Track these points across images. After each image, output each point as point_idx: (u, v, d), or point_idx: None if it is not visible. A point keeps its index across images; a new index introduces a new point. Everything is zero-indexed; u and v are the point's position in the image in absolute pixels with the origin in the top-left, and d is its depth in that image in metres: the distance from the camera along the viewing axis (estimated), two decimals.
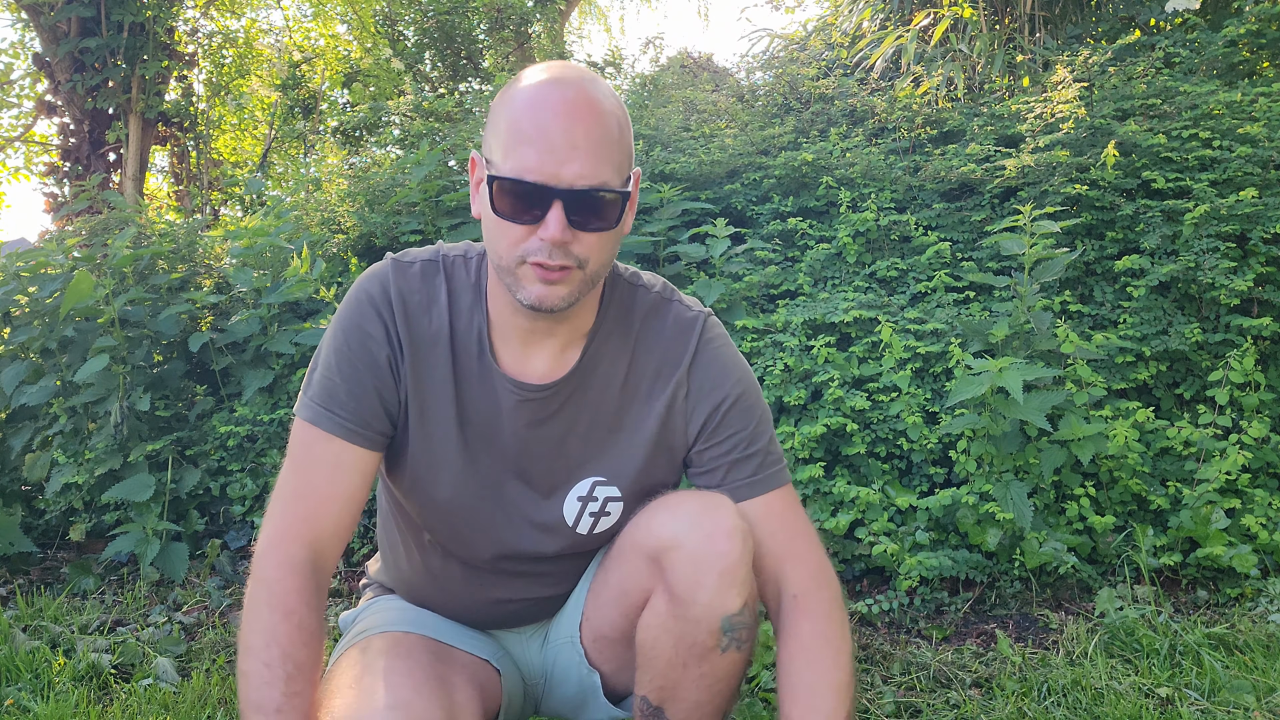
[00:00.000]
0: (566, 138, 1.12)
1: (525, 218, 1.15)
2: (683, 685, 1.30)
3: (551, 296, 1.18)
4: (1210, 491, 2.56)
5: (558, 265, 1.16)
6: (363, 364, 1.28)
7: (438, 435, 1.32)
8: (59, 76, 7.76)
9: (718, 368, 1.35)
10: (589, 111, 1.14)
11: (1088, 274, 3.22)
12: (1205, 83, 3.54)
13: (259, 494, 3.26)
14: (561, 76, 1.17)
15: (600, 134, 1.14)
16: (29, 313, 3.50)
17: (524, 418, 1.32)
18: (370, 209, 3.86)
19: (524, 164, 1.12)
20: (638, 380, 1.33)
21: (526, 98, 1.15)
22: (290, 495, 1.26)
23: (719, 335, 1.38)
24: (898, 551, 2.46)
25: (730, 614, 1.25)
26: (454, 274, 1.32)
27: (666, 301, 1.37)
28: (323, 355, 1.30)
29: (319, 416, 1.27)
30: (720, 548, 1.23)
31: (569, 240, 1.15)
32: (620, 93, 6.17)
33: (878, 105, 4.03)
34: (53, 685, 2.21)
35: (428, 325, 1.30)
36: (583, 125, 1.13)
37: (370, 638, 1.37)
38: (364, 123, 7.69)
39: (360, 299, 1.29)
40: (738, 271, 3.24)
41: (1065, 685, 2.06)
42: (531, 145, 1.12)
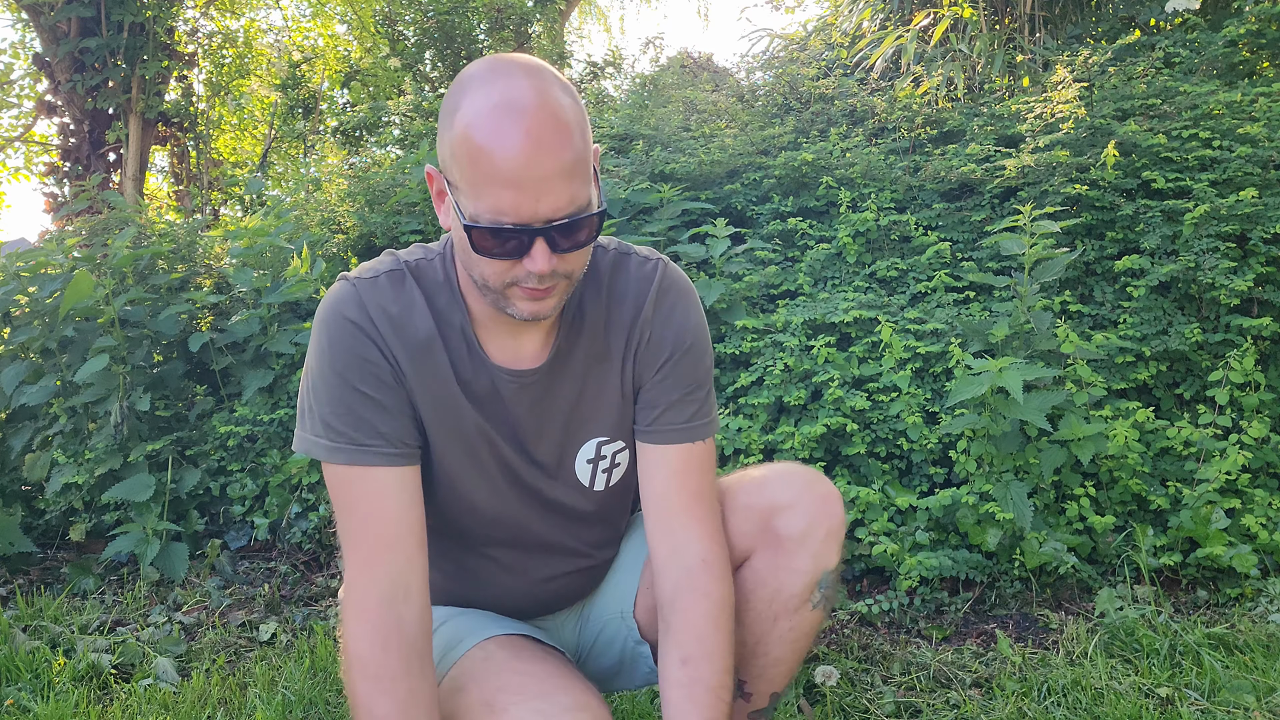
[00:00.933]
0: (537, 171, 1.07)
1: (508, 253, 1.13)
2: (765, 640, 1.39)
3: (543, 309, 1.19)
4: (1210, 491, 2.56)
5: (548, 287, 1.17)
6: (374, 390, 1.24)
7: (459, 432, 1.33)
8: (59, 76, 7.76)
9: (678, 314, 1.37)
10: (553, 133, 1.08)
11: (1088, 274, 3.22)
12: (1205, 83, 3.54)
13: (259, 494, 3.26)
14: (514, 96, 1.08)
15: (568, 152, 1.09)
16: (29, 313, 3.50)
17: (524, 402, 1.34)
18: (370, 209, 3.86)
19: (499, 206, 1.09)
20: (612, 336, 1.36)
21: (485, 126, 1.08)
22: (356, 548, 1.23)
23: (676, 281, 1.39)
24: (898, 551, 2.46)
25: (829, 570, 1.38)
26: (422, 276, 1.30)
27: (624, 255, 1.39)
28: (326, 390, 1.24)
29: (352, 454, 1.23)
30: (831, 509, 1.37)
31: (555, 266, 1.14)
32: (620, 92, 6.17)
33: (878, 105, 4.03)
34: (53, 685, 2.21)
35: (415, 333, 1.27)
36: (550, 151, 1.08)
37: (480, 645, 1.36)
38: (364, 123, 7.69)
39: (342, 326, 1.24)
40: (738, 271, 3.24)
41: (1065, 685, 2.06)
42: (503, 187, 1.08)
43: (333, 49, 11.21)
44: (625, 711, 2.03)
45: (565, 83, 1.17)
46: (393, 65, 9.01)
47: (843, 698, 2.08)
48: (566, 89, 1.15)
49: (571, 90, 1.17)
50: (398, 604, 1.20)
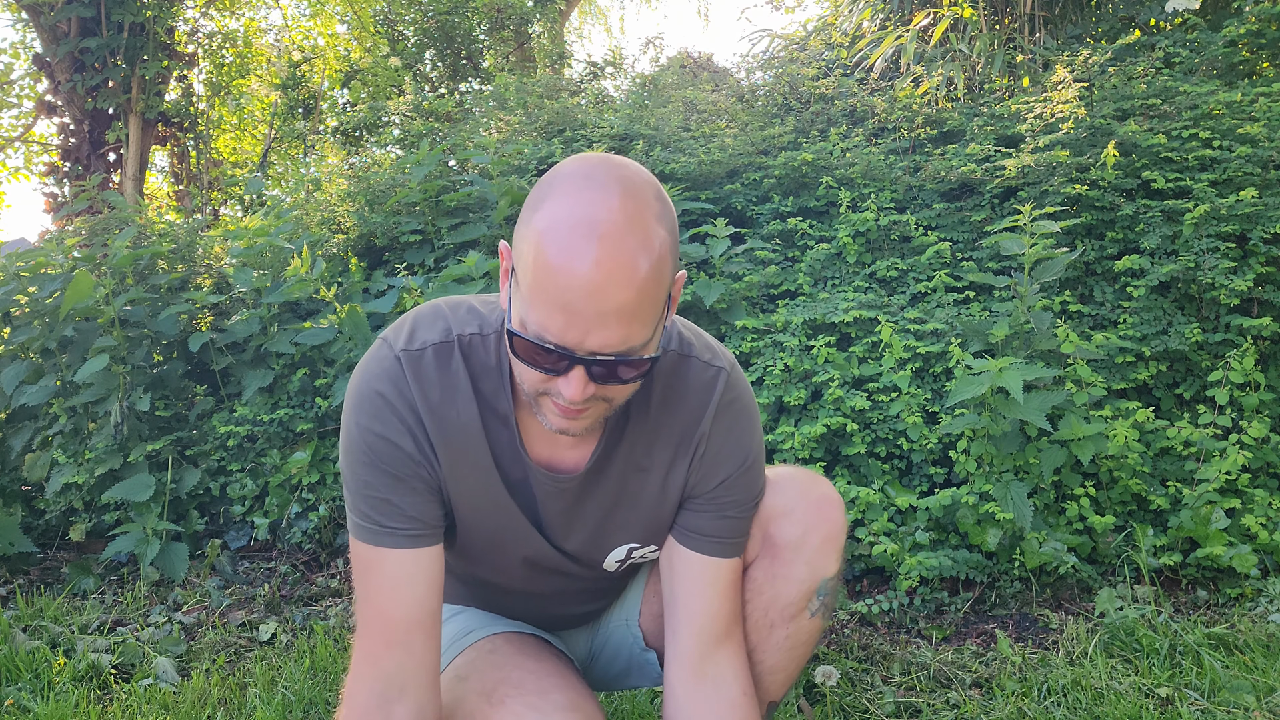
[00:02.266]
0: (595, 307, 1.00)
1: (545, 368, 1.06)
2: (761, 648, 1.37)
3: (574, 428, 1.13)
4: (1210, 491, 2.56)
5: (581, 410, 1.10)
6: (401, 474, 1.20)
7: (490, 516, 1.29)
8: (59, 76, 7.76)
9: (735, 435, 1.29)
10: (627, 272, 0.99)
11: (1088, 274, 3.22)
12: (1205, 83, 3.54)
13: (259, 494, 3.26)
14: (599, 215, 0.99)
15: (635, 295, 1.00)
16: (29, 313, 3.50)
17: (559, 504, 1.29)
18: (370, 209, 3.86)
19: (546, 324, 1.02)
20: (662, 447, 1.28)
21: (557, 241, 1.00)
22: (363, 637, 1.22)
23: (738, 395, 1.31)
24: (898, 551, 2.46)
25: (828, 577, 1.35)
26: (471, 355, 1.21)
27: (684, 359, 1.28)
28: (353, 467, 1.21)
29: (374, 534, 1.21)
30: (828, 514, 1.33)
31: (591, 394, 1.08)
32: (620, 92, 6.16)
33: (878, 105, 4.03)
34: (53, 685, 2.21)
35: (456, 418, 1.21)
36: (616, 291, 0.99)
37: (488, 638, 1.36)
38: (364, 122, 7.69)
39: (375, 405, 1.18)
40: (738, 271, 3.24)
41: (1065, 685, 2.06)
42: (557, 310, 1.01)
43: (332, 48, 11.21)
44: (625, 712, 2.03)
45: (665, 205, 1.07)
46: (393, 64, 9.01)
47: (843, 698, 2.08)
48: (664, 214, 1.06)
49: (669, 215, 1.07)
50: (391, 703, 1.18)
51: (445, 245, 3.57)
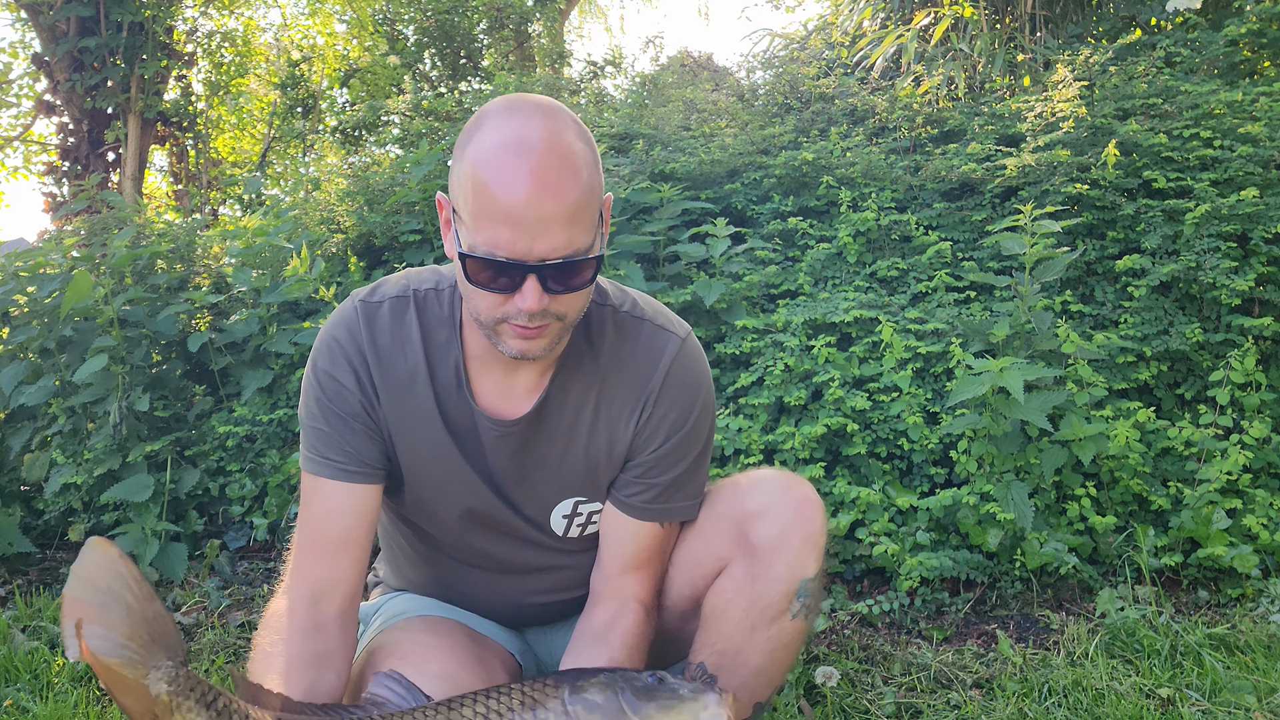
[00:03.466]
0: (536, 210, 1.09)
1: (500, 288, 1.14)
2: (745, 650, 1.36)
3: (533, 349, 1.19)
4: (1211, 492, 2.56)
5: (538, 326, 1.16)
6: (343, 411, 1.30)
7: (437, 464, 1.34)
8: (58, 76, 7.75)
9: (683, 400, 1.34)
10: (558, 176, 1.10)
11: (1088, 274, 3.21)
12: (1206, 82, 3.54)
13: (258, 494, 3.25)
14: (525, 135, 1.10)
15: (572, 197, 1.11)
16: (28, 312, 3.49)
17: (505, 450, 1.34)
18: (369, 208, 3.86)
19: (494, 240, 1.11)
20: (608, 403, 1.33)
21: (492, 161, 1.10)
22: (296, 550, 1.34)
23: (691, 363, 1.36)
24: (898, 552, 2.46)
25: (808, 578, 1.34)
26: (426, 308, 1.32)
27: (637, 320, 1.35)
28: (306, 403, 1.33)
29: (314, 465, 1.32)
30: (806, 513, 1.33)
31: (546, 305, 1.15)
32: (620, 91, 6.16)
33: (878, 105, 4.03)
34: (52, 686, 2.20)
35: (403, 364, 1.30)
36: (553, 194, 1.09)
37: (407, 620, 1.41)
38: (363, 122, 7.69)
39: (330, 348, 1.30)
40: (738, 271, 3.23)
41: (1066, 686, 2.05)
42: (501, 222, 1.10)
43: (331, 47, 11.21)
44: None
45: (581, 127, 1.17)
46: (392, 63, 9.01)
47: (843, 698, 2.08)
48: (582, 134, 1.16)
49: (587, 135, 1.17)
50: (318, 603, 1.30)
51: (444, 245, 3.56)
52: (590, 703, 1.08)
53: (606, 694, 1.08)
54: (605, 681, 1.09)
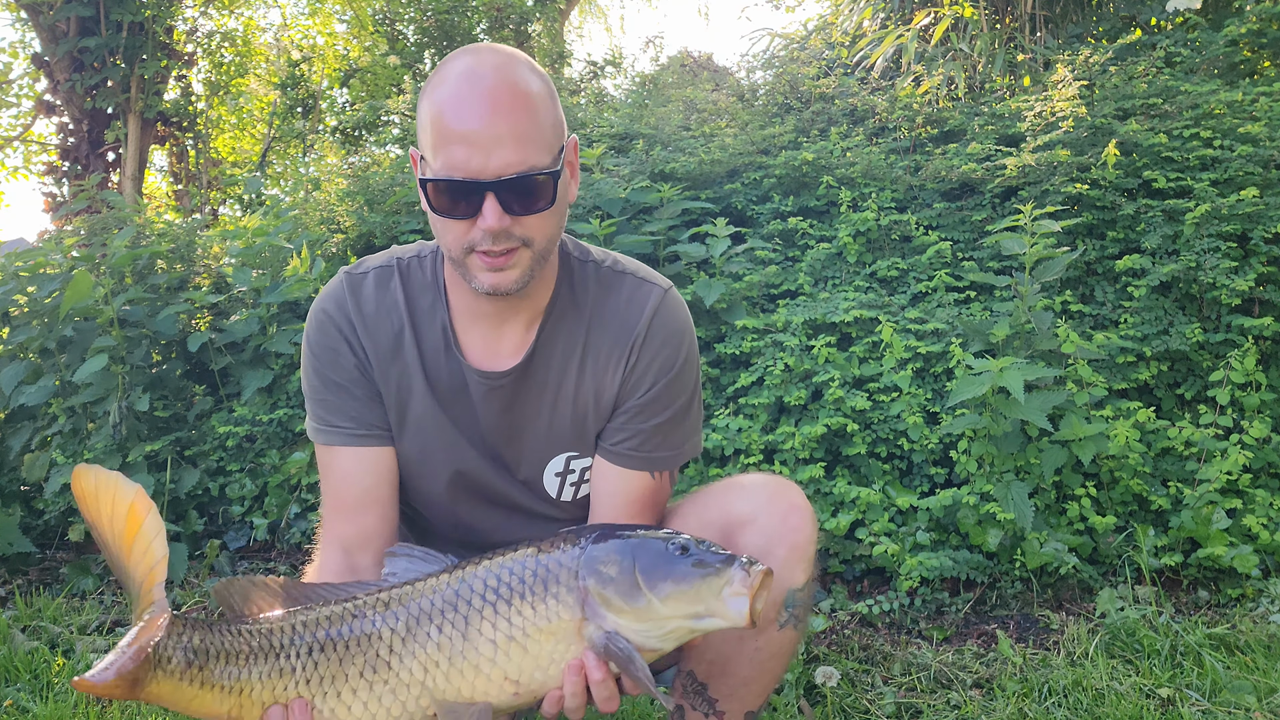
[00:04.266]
0: (489, 129, 1.14)
1: (461, 212, 1.17)
2: (734, 660, 1.35)
3: (504, 281, 1.21)
4: (1211, 492, 2.56)
5: (502, 250, 1.18)
6: (342, 378, 1.34)
7: (423, 429, 1.36)
8: (58, 76, 7.74)
9: (669, 347, 1.35)
10: (509, 98, 1.15)
11: (1088, 274, 3.21)
12: (1206, 82, 3.54)
13: (258, 494, 3.25)
14: (476, 67, 1.18)
15: (524, 118, 1.16)
16: (28, 312, 3.49)
17: (495, 405, 1.36)
18: (369, 208, 3.86)
19: (451, 161, 1.15)
20: (594, 355, 1.35)
21: (447, 93, 1.17)
22: (324, 515, 1.38)
23: (674, 312, 1.37)
24: (898, 552, 2.46)
25: (795, 588, 1.32)
26: (409, 275, 1.36)
27: (619, 274, 1.37)
28: (306, 378, 1.38)
29: (324, 435, 1.35)
30: (793, 523, 1.31)
31: (509, 225, 1.17)
32: (620, 91, 6.16)
33: (878, 105, 4.03)
34: (52, 686, 2.20)
35: (389, 329, 1.34)
36: (505, 114, 1.15)
37: None
38: (363, 122, 7.69)
39: (320, 320, 1.36)
40: (738, 271, 3.23)
41: (1066, 686, 2.05)
42: (456, 142, 1.15)
43: (331, 47, 11.20)
44: (625, 712, 2.03)
45: (538, 69, 1.22)
46: (392, 63, 9.01)
47: (843, 698, 2.08)
48: (536, 72, 1.21)
49: (543, 76, 1.21)
50: (352, 554, 1.35)
51: None
52: (604, 576, 1.04)
53: (621, 566, 1.04)
54: (621, 552, 1.05)
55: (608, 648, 1.04)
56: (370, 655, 1.08)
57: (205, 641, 1.06)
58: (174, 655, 1.04)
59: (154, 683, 1.03)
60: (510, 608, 1.07)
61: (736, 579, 1.00)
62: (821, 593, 2.67)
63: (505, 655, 1.06)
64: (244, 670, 1.07)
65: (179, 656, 1.05)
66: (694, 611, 1.02)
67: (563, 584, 1.06)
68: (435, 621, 1.08)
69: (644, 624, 1.03)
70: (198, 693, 1.06)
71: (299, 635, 1.09)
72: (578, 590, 1.05)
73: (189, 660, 1.05)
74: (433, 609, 1.08)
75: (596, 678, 1.05)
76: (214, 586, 1.14)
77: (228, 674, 1.07)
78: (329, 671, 1.08)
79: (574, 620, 1.05)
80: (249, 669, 1.07)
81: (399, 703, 1.08)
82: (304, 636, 1.09)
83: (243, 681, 1.07)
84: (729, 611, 1.01)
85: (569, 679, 1.06)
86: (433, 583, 1.10)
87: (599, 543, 1.07)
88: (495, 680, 1.07)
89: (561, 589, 1.06)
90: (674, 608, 1.02)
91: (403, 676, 1.08)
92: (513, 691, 1.07)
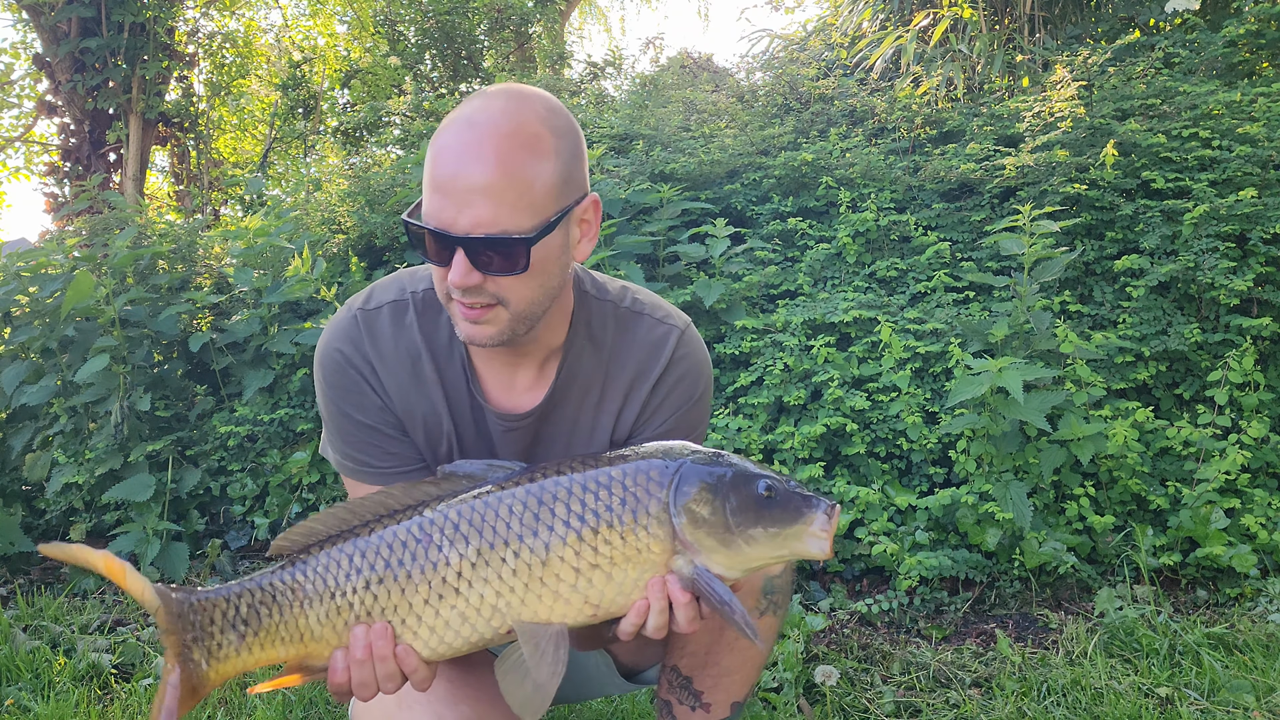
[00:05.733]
0: (465, 183, 1.10)
1: (437, 259, 1.15)
2: (716, 651, 1.36)
3: (479, 335, 1.19)
4: (1210, 491, 2.56)
5: (474, 303, 1.16)
6: (370, 419, 1.30)
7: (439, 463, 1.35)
8: (59, 77, 7.76)
9: (686, 383, 1.35)
10: (497, 153, 1.10)
11: (1087, 274, 3.22)
12: (1205, 83, 3.54)
13: (259, 494, 3.26)
14: (479, 114, 1.13)
15: (508, 178, 1.10)
16: (30, 313, 3.50)
17: (514, 445, 1.34)
18: (370, 209, 3.86)
19: (429, 209, 1.13)
20: (612, 394, 1.34)
21: (446, 137, 1.14)
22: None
23: (690, 351, 1.36)
24: (897, 551, 2.46)
25: (773, 576, 1.33)
26: (425, 310, 1.31)
27: (635, 315, 1.35)
28: (329, 416, 1.33)
29: (358, 474, 1.32)
30: None
31: (478, 283, 1.14)
32: (620, 92, 6.17)
33: (877, 105, 4.03)
34: (53, 685, 2.21)
35: (410, 369, 1.30)
36: (488, 169, 1.10)
37: None
38: (364, 122, 7.69)
39: (336, 361, 1.30)
40: (738, 271, 3.24)
41: (1065, 685, 2.06)
42: (435, 191, 1.13)
43: (332, 48, 11.21)
44: (625, 711, 2.04)
45: (559, 120, 1.16)
46: (393, 64, 9.02)
47: (842, 697, 2.08)
48: (551, 125, 1.15)
49: (560, 129, 1.16)
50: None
51: None
52: (696, 516, 1.05)
53: (713, 507, 1.05)
54: (713, 491, 1.05)
55: (696, 581, 1.06)
56: (437, 582, 1.07)
57: (254, 605, 1.07)
58: (223, 639, 1.06)
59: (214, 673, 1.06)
60: (597, 536, 1.06)
61: (816, 523, 1.04)
62: (821, 592, 2.68)
63: (588, 581, 1.06)
64: (300, 617, 1.07)
65: (229, 637, 1.06)
66: (779, 554, 1.06)
67: (653, 516, 1.06)
68: (512, 547, 1.06)
69: (731, 560, 1.06)
70: (262, 653, 1.07)
71: (356, 570, 1.07)
72: (668, 524, 1.06)
73: (241, 634, 1.06)
74: (509, 533, 1.06)
75: (683, 601, 1.07)
76: (274, 543, 1.12)
77: (284, 625, 1.07)
78: (390, 602, 1.07)
79: (664, 553, 1.07)
80: (305, 614, 1.07)
81: (469, 625, 1.07)
82: (361, 571, 1.07)
83: (302, 628, 1.08)
84: (811, 551, 1.05)
85: (655, 601, 1.07)
86: (507, 501, 1.08)
87: (689, 476, 1.07)
88: (575, 604, 1.07)
89: (653, 521, 1.06)
90: (761, 549, 1.05)
91: (473, 601, 1.06)
92: (590, 614, 1.08)
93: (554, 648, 1.05)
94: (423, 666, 1.09)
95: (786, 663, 2.12)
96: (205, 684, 1.06)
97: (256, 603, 1.07)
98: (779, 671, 2.11)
